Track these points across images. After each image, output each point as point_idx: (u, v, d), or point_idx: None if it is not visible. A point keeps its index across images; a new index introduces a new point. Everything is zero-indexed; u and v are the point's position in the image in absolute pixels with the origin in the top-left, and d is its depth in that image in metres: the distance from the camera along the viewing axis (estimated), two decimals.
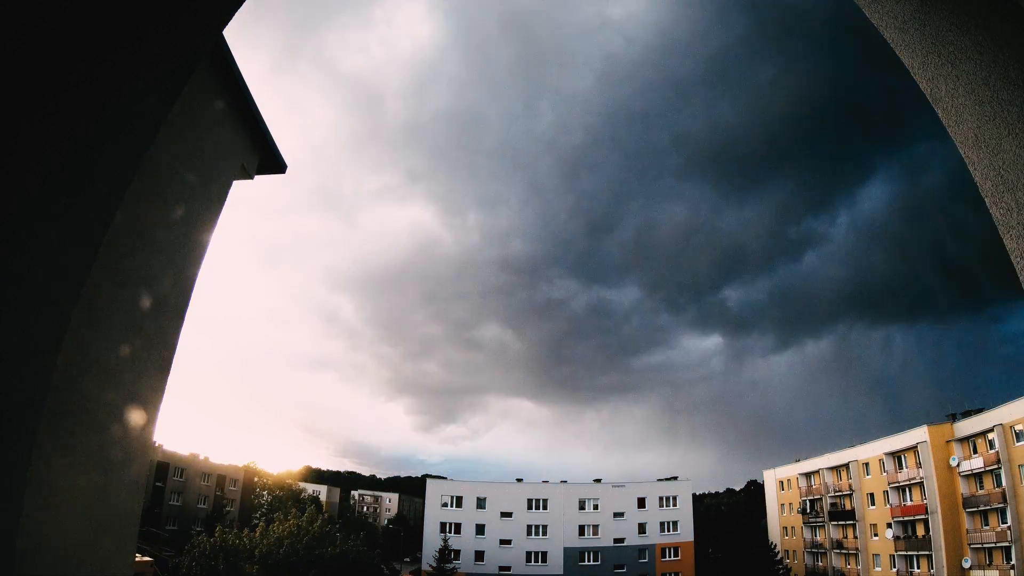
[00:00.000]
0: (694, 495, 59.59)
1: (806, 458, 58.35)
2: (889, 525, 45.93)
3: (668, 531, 55.97)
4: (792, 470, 59.81)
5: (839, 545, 51.71)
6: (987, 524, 38.97)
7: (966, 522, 40.40)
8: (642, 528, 55.71)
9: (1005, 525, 37.35)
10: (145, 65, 2.80)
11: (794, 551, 57.45)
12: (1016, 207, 1.98)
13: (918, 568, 43.12)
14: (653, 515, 56.27)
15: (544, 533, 55.67)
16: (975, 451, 40.46)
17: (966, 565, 39.81)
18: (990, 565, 38.57)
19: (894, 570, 45.08)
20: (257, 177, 5.60)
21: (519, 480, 59.42)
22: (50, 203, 2.72)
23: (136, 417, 3.77)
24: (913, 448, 44.32)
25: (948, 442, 42.11)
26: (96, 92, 2.73)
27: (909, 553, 43.85)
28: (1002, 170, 2.04)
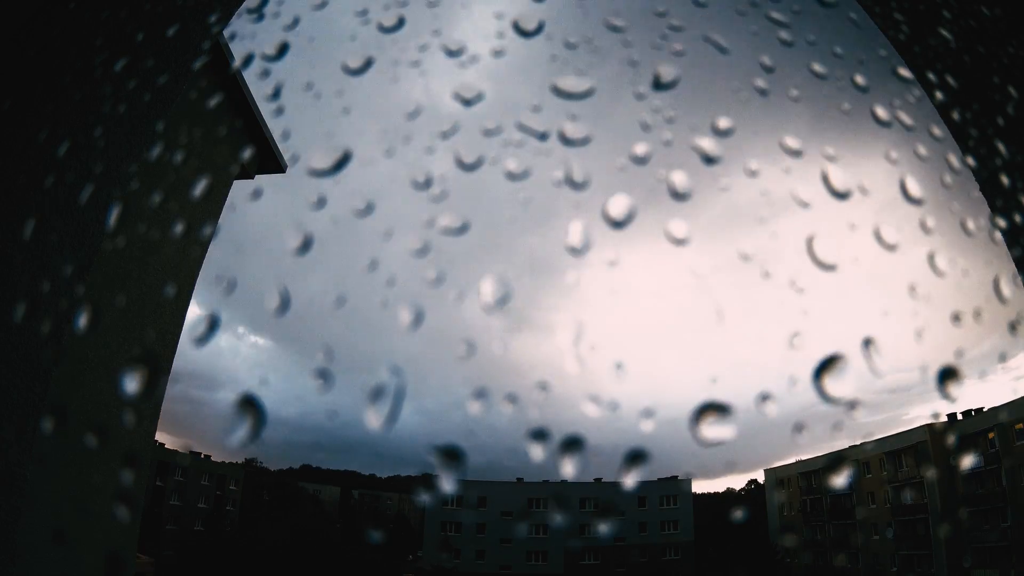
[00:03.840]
0: (694, 494, 59.68)
1: (806, 458, 58.41)
2: (889, 525, 45.94)
3: (668, 530, 56.03)
4: (792, 470, 59.83)
5: (839, 544, 51.71)
6: (987, 524, 38.97)
7: (966, 522, 40.40)
8: (642, 527, 55.76)
9: (1005, 525, 37.35)
10: (144, 65, 2.80)
11: (794, 550, 57.46)
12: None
13: (918, 568, 43.13)
14: (653, 514, 56.32)
15: (544, 532, 55.72)
16: (975, 451, 40.45)
17: (966, 565, 39.82)
18: (990, 565, 38.57)
19: (894, 570, 45.09)
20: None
21: (519, 480, 59.47)
22: (50, 203, 2.72)
23: (136, 416, 3.77)
24: (913, 447, 44.33)
25: (948, 442, 42.12)
26: (95, 92, 2.74)
27: (909, 553, 43.85)
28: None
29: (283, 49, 2.44)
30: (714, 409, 1.84)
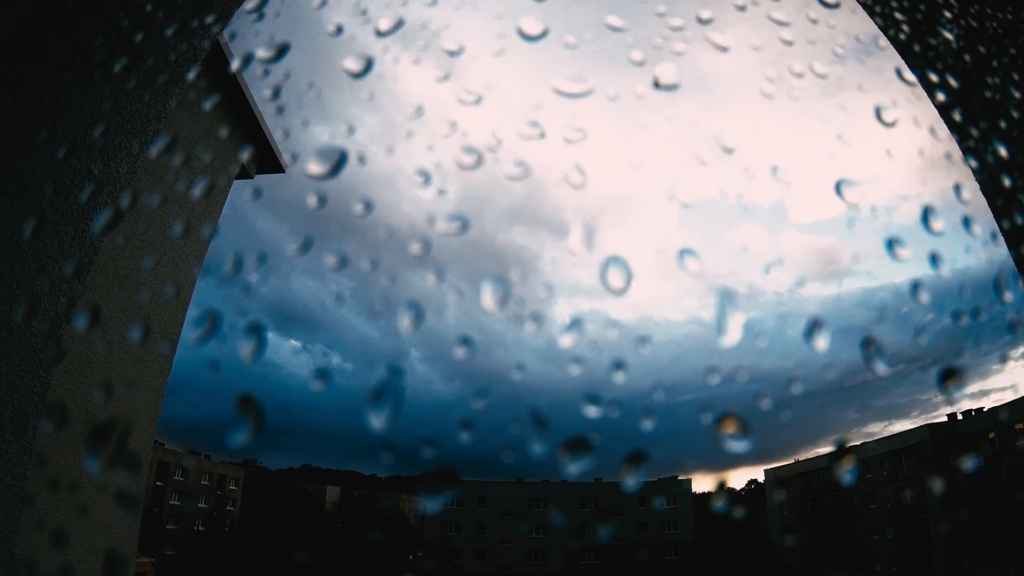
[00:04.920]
0: (694, 494, 59.70)
1: (806, 457, 58.46)
2: (890, 524, 45.97)
3: (668, 530, 56.06)
4: (792, 469, 59.87)
5: (840, 544, 51.74)
6: (987, 523, 39.00)
7: (967, 521, 40.43)
8: (642, 527, 55.79)
9: (1005, 524, 37.38)
10: (143, 65, 2.80)
11: (795, 550, 57.47)
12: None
13: (918, 567, 43.15)
14: (653, 514, 56.36)
15: (544, 532, 55.77)
16: (975, 450, 40.48)
17: (967, 565, 39.84)
18: (991, 564, 38.59)
19: (895, 569, 45.11)
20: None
21: (520, 480, 59.53)
22: (50, 203, 2.72)
23: (137, 416, 3.77)
24: (913, 447, 44.36)
25: (948, 441, 42.14)
26: (94, 92, 2.73)
27: (909, 552, 43.87)
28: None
29: (283, 49, 2.44)
30: (734, 420, 1.83)
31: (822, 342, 2.03)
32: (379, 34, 2.39)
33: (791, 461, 60.72)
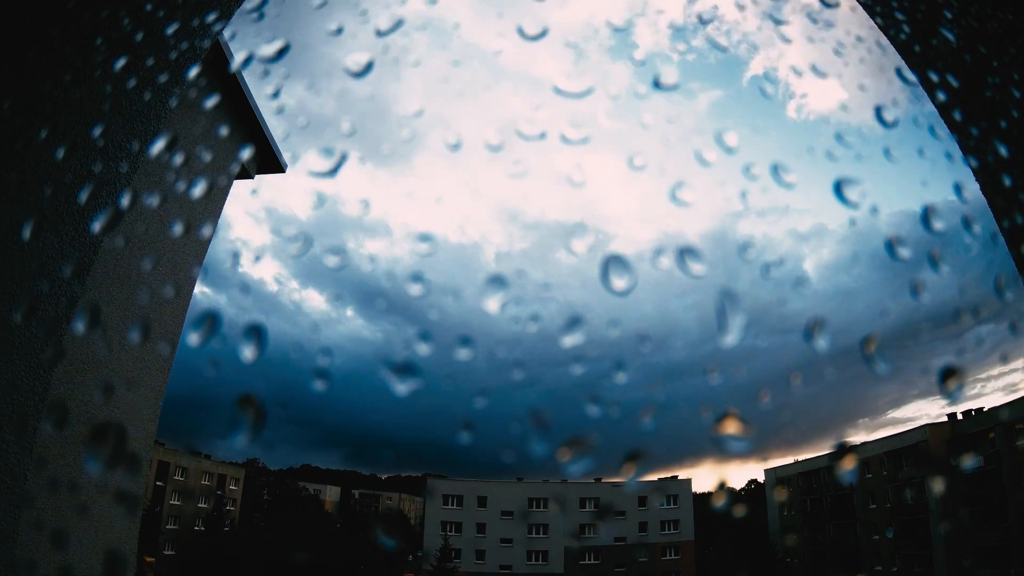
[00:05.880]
0: (694, 494, 59.70)
1: (806, 457, 58.46)
2: (890, 524, 45.97)
3: (669, 530, 56.05)
4: (792, 469, 59.87)
5: (840, 544, 51.74)
6: (987, 523, 38.99)
7: (967, 521, 40.44)
8: (643, 527, 55.78)
9: (1005, 524, 37.37)
10: (143, 64, 2.80)
11: (795, 550, 57.48)
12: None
13: (918, 567, 43.15)
14: (654, 514, 56.33)
15: (544, 532, 55.76)
16: (975, 450, 40.48)
17: (967, 565, 39.85)
18: (991, 564, 38.59)
19: (894, 569, 45.11)
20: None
21: (520, 479, 59.54)
22: (50, 204, 2.72)
23: (137, 416, 3.77)
24: (913, 447, 44.35)
25: (948, 441, 42.15)
26: (95, 92, 2.73)
27: (909, 552, 43.87)
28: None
29: (283, 49, 2.44)
30: (736, 420, 1.83)
31: (823, 342, 2.03)
32: (379, 34, 2.40)
33: (791, 460, 60.74)
